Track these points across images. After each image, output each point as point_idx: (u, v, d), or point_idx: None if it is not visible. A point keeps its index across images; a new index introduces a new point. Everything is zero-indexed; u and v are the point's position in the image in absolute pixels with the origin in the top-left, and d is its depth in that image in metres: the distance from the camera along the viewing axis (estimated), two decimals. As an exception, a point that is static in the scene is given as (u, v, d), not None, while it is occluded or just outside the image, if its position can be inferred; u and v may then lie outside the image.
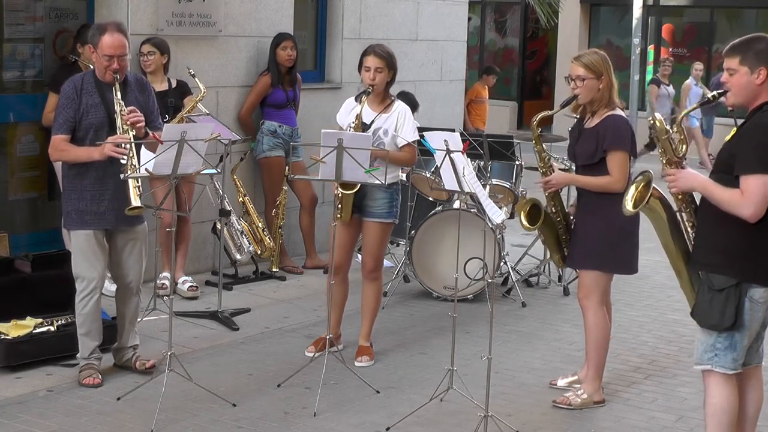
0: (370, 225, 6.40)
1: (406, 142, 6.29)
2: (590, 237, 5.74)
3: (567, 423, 5.69)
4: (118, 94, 5.67)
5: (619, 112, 5.75)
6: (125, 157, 5.54)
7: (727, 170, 4.43)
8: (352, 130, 6.20)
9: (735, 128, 4.59)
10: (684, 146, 4.64)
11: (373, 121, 6.29)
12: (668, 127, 4.66)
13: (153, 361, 6.04)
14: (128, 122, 5.61)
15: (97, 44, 5.72)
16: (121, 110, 5.64)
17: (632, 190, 4.73)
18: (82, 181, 5.77)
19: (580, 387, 5.92)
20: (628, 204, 4.71)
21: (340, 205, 6.21)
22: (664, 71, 16.54)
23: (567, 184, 5.92)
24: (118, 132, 5.63)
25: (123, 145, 5.55)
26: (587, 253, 5.78)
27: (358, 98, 6.38)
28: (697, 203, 4.67)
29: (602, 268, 5.79)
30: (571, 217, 5.92)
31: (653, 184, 4.66)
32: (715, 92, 4.62)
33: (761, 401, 4.77)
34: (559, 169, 6.16)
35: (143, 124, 5.69)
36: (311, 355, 6.35)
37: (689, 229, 4.67)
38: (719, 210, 4.43)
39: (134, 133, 5.62)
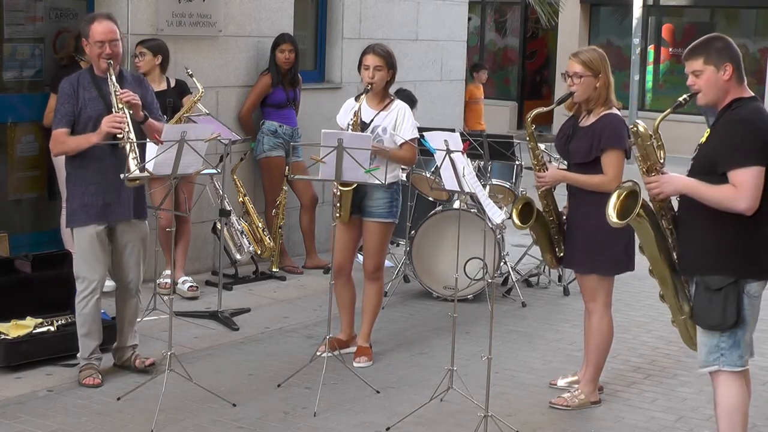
0: (370, 225, 6.39)
1: (404, 140, 6.29)
2: (584, 239, 5.71)
3: (567, 423, 5.69)
4: (113, 77, 5.70)
5: (615, 111, 5.72)
6: (121, 133, 5.56)
7: (708, 171, 4.41)
8: (351, 127, 6.20)
9: (707, 131, 4.57)
10: (662, 152, 4.61)
11: (372, 120, 6.30)
12: (651, 133, 4.63)
13: (153, 359, 6.04)
14: (123, 100, 5.63)
15: (88, 33, 5.76)
16: (115, 91, 5.67)
17: (613, 199, 4.64)
18: (84, 174, 5.80)
19: (577, 388, 5.92)
20: (612, 216, 4.65)
21: (338, 204, 6.21)
22: None
23: (561, 181, 5.87)
24: (113, 111, 5.66)
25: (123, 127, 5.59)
26: (583, 256, 5.76)
27: (357, 98, 6.40)
28: (674, 210, 4.66)
29: (600, 272, 5.78)
30: (564, 217, 5.91)
31: (641, 196, 4.58)
32: (685, 96, 4.58)
33: (750, 394, 4.76)
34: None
35: (139, 103, 5.70)
36: (319, 354, 6.26)
37: (669, 237, 4.65)
38: (706, 210, 4.41)
39: (131, 112, 5.64)
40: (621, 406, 5.94)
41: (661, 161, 4.61)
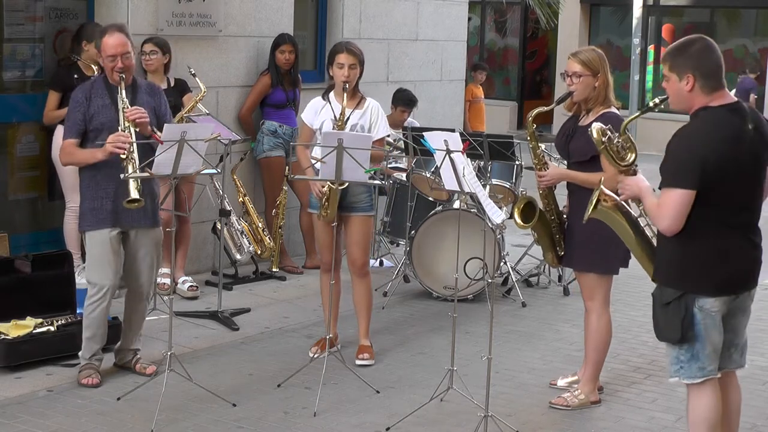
0: (357, 219, 6.38)
1: (379, 137, 6.34)
2: (584, 237, 5.71)
3: (567, 423, 5.69)
4: (123, 92, 5.72)
5: (614, 110, 5.73)
6: (125, 153, 5.55)
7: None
8: (336, 125, 6.20)
9: None
10: (631, 154, 4.59)
11: (348, 118, 6.30)
12: (605, 138, 4.60)
13: (154, 368, 6.03)
14: (129, 119, 5.64)
15: (100, 47, 5.80)
16: (123, 107, 5.68)
17: (594, 197, 4.65)
18: (96, 180, 5.80)
19: (576, 388, 5.92)
20: (588, 210, 4.67)
21: (326, 203, 6.19)
22: None
23: (561, 179, 5.89)
24: (119, 129, 5.66)
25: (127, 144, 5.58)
26: (584, 254, 5.76)
27: (324, 96, 6.40)
28: None
29: (599, 270, 5.78)
30: (564, 216, 5.91)
31: (602, 190, 4.58)
32: (656, 99, 4.51)
33: (740, 398, 4.74)
34: None
35: (147, 120, 5.71)
36: (313, 355, 6.34)
37: (653, 236, 4.63)
38: None
39: (137, 130, 5.65)
40: (621, 406, 5.94)
41: (626, 163, 4.58)
